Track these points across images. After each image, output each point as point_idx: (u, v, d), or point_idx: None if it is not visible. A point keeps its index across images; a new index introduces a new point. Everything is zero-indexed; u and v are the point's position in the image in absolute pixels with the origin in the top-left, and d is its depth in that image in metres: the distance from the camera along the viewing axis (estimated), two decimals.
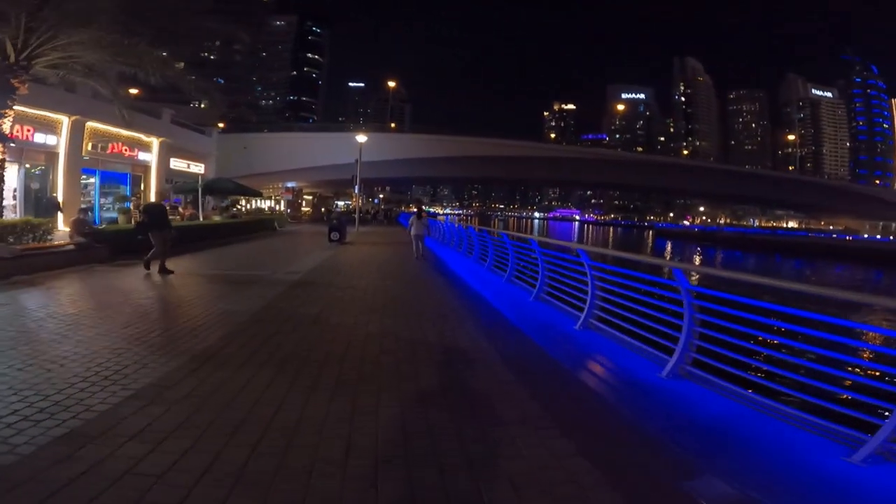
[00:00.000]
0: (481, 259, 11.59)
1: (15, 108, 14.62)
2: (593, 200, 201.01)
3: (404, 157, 43.42)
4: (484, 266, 10.88)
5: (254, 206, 52.26)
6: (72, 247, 9.69)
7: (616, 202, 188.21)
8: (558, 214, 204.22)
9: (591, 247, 5.93)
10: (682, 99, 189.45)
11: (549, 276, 7.04)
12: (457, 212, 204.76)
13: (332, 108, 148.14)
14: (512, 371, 4.16)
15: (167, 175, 23.86)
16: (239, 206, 29.99)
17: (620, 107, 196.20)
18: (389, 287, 8.41)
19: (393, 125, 73.98)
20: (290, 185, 53.02)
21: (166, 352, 4.31)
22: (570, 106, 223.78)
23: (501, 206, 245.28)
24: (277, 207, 46.52)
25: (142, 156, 21.76)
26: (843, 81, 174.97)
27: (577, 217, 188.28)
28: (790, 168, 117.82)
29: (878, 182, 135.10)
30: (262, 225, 23.35)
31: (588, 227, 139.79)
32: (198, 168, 27.03)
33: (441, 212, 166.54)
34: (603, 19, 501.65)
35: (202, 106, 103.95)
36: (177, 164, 25.03)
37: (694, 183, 60.45)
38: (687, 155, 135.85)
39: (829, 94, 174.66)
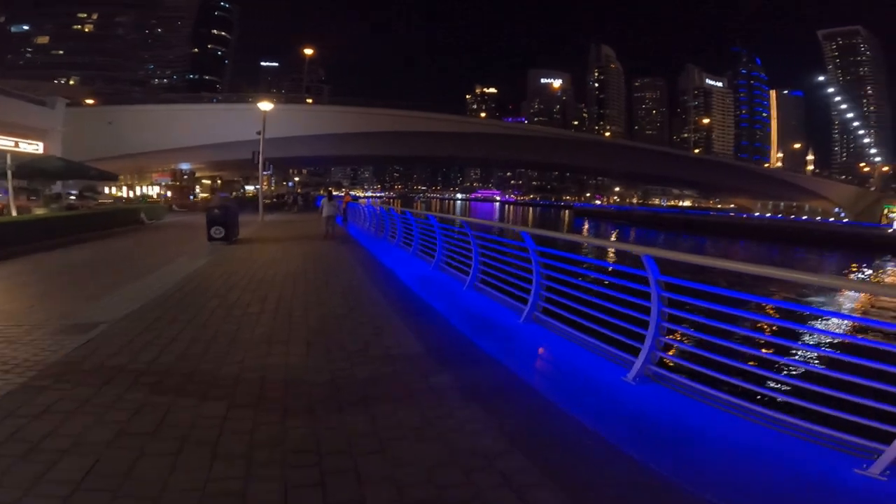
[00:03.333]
0: (393, 237, 12.77)
1: None
2: (512, 182, 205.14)
3: (319, 132, 39.11)
4: (397, 245, 11.87)
5: (139, 193, 44.90)
6: None
7: (534, 183, 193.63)
8: (480, 195, 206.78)
9: (474, 219, 6.86)
10: (596, 85, 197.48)
11: (447, 248, 7.96)
12: (378, 194, 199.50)
13: (240, 87, 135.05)
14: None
15: None
16: (95, 194, 24.22)
17: (556, 84, 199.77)
18: (291, 373, 3.61)
19: (309, 100, 66.34)
20: (183, 166, 46.33)
21: None
22: (492, 90, 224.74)
23: (424, 188, 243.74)
24: (168, 194, 39.82)
25: None
26: (731, 72, 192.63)
27: (498, 197, 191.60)
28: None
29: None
30: (117, 218, 17.34)
31: (508, 207, 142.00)
32: (33, 147, 20.91)
33: (362, 195, 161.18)
34: (527, 3, 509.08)
35: (70, 82, 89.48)
36: None
37: (608, 161, 62.05)
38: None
39: (719, 84, 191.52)
